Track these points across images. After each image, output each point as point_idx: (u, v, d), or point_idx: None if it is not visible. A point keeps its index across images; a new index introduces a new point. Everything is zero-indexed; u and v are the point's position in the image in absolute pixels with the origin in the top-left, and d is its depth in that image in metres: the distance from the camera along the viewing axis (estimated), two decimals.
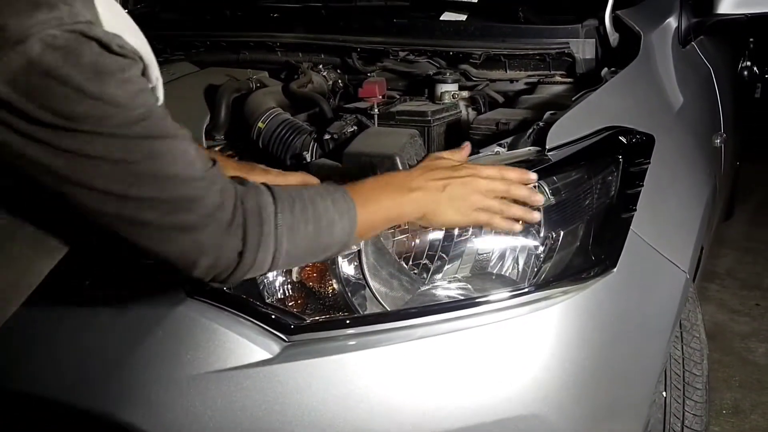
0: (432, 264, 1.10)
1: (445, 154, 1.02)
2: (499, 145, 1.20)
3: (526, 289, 1.02)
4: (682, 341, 1.36)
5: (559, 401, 1.04)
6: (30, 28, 0.60)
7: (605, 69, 1.46)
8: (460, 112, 1.57)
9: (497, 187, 0.95)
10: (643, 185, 1.15)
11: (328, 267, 1.03)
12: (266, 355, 0.95)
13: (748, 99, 3.25)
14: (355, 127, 1.40)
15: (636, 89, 1.38)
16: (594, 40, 1.59)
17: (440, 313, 1.00)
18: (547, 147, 1.12)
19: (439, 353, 1.00)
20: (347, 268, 1.03)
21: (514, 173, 0.98)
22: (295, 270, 1.04)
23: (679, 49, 1.67)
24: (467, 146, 1.05)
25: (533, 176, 1.00)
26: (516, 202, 0.97)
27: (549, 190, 1.06)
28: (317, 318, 1.00)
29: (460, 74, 1.69)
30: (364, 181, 0.92)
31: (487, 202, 0.95)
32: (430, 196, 0.92)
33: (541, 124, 1.23)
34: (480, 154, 1.15)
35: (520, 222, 0.99)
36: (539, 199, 0.99)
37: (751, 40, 3.21)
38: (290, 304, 1.03)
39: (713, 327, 2.67)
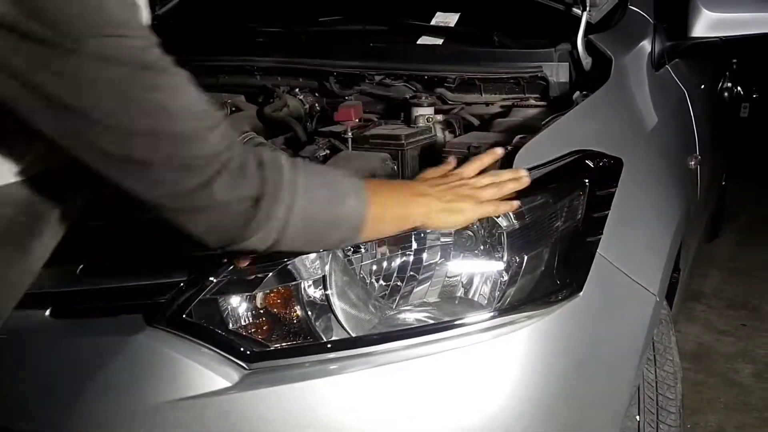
0: (402, 285, 1.09)
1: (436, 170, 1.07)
2: None
3: (491, 314, 1.01)
4: (655, 364, 1.35)
5: (527, 424, 1.03)
6: None
7: (577, 93, 1.47)
8: (435, 135, 1.58)
9: (484, 180, 1.03)
10: (610, 209, 1.15)
11: (292, 292, 1.02)
12: (226, 384, 0.94)
13: (731, 119, 3.27)
14: (328, 151, 1.41)
15: (606, 112, 1.39)
16: (567, 63, 1.60)
17: (404, 339, 1.00)
18: None
19: (404, 380, 0.99)
20: (312, 292, 1.03)
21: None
22: (258, 296, 1.04)
23: (652, 72, 1.68)
24: (452, 161, 1.10)
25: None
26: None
27: (513, 214, 1.06)
28: (278, 345, 0.99)
29: (436, 98, 1.70)
30: (374, 180, 0.96)
31: (482, 195, 1.00)
32: (434, 203, 0.96)
33: (509, 148, 1.24)
34: None
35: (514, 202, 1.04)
36: (524, 175, 1.05)
37: (734, 60, 3.24)
38: (253, 331, 1.03)
39: (699, 348, 2.66)
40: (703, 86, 2.16)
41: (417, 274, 1.10)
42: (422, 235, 1.09)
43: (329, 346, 0.99)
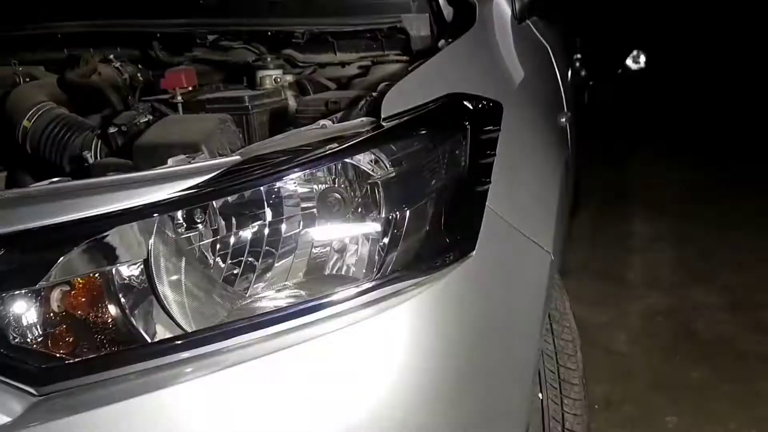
0: (258, 263, 0.85)
1: None
2: (331, 122, 0.99)
3: (369, 285, 0.80)
4: (552, 334, 1.21)
5: (424, 416, 0.83)
6: None
7: (442, 41, 1.31)
8: (285, 99, 1.35)
9: None
10: (495, 154, 0.99)
11: (102, 286, 0.74)
12: (4, 420, 0.65)
13: (581, 101, 3.32)
14: (150, 117, 1.13)
15: (475, 58, 1.24)
16: (428, 15, 1.44)
17: (256, 330, 0.76)
18: (382, 116, 0.92)
19: (263, 381, 0.75)
20: (131, 282, 0.76)
21: None
22: (55, 296, 0.75)
23: (515, 23, 1.56)
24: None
25: None
26: None
27: (388, 161, 0.85)
28: (83, 358, 0.71)
29: (284, 60, 1.48)
30: None
31: None
32: None
33: (374, 94, 1.04)
34: (301, 129, 0.93)
35: None
36: None
37: (578, 39, 3.31)
38: (50, 345, 0.74)
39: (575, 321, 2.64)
40: (562, 49, 2.10)
41: (275, 249, 0.87)
42: (277, 199, 0.86)
43: (157, 349, 0.72)
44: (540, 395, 1.17)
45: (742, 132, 5.61)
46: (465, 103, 1.01)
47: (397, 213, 0.83)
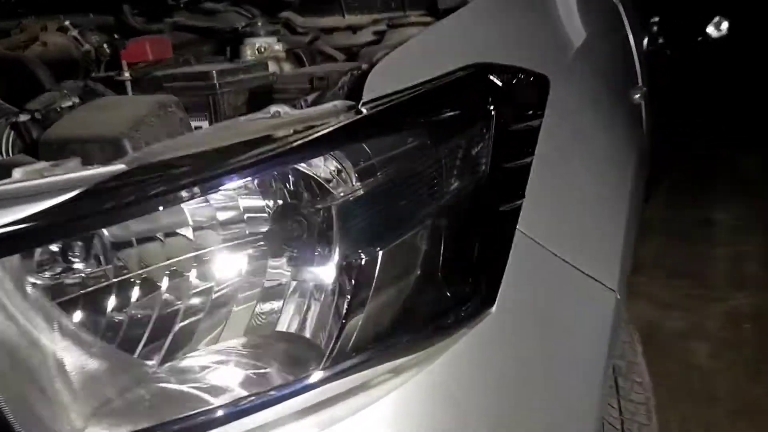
0: (177, 318, 0.58)
1: None
2: (292, 106, 0.69)
3: (317, 378, 0.50)
4: (618, 393, 0.88)
5: None
6: None
7: None
8: (273, 73, 1.06)
9: None
10: (533, 153, 0.67)
11: None
12: None
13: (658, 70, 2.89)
14: (76, 100, 0.86)
15: (512, 16, 0.90)
16: None
17: None
18: (363, 99, 0.62)
19: None
20: None
21: None
22: None
23: None
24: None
25: None
26: None
27: (354, 171, 0.55)
28: None
29: (281, 25, 1.19)
30: None
31: None
32: None
33: (364, 67, 0.74)
34: (240, 119, 0.64)
35: None
36: None
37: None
38: None
39: (647, 326, 2.29)
40: (637, 7, 1.72)
41: (201, 296, 0.59)
42: (205, 222, 0.59)
43: None
44: None
45: None
46: (490, 77, 0.69)
47: (363, 256, 0.53)
